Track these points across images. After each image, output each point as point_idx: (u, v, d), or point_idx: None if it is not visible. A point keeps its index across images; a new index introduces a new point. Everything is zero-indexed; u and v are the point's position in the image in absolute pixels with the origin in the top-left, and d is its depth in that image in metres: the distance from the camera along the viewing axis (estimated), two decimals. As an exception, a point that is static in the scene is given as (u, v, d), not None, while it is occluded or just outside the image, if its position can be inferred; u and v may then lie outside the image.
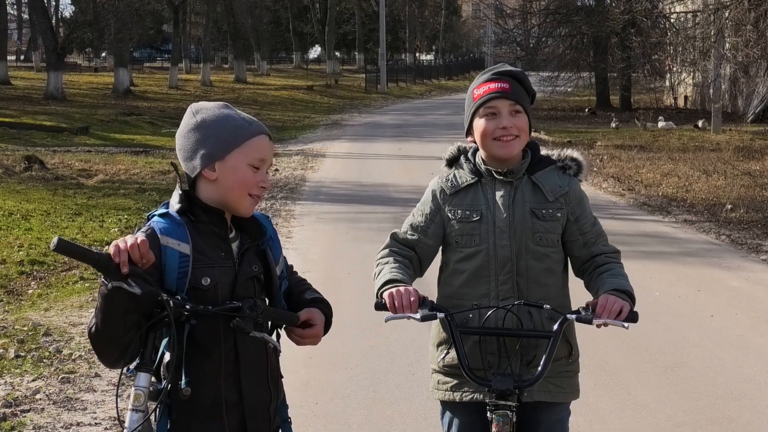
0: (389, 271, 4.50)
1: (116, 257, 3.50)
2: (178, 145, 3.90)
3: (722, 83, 37.32)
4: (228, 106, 3.93)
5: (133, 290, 3.49)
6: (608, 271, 4.51)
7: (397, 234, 4.73)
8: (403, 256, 4.64)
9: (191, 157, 3.84)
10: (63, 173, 22.82)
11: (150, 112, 43.97)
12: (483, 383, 4.33)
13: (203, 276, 3.74)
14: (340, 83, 71.32)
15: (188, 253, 3.73)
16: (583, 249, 4.61)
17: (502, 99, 4.51)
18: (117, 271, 3.49)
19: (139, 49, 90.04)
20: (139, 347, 3.67)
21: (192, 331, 3.72)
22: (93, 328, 3.63)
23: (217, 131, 3.82)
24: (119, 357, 3.66)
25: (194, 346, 3.73)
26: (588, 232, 4.60)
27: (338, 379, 8.61)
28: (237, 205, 3.85)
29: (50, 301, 11.53)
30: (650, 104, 49.59)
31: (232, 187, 3.82)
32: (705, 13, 34.29)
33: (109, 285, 3.50)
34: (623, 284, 4.39)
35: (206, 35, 70.98)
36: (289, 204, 19.11)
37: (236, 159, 3.81)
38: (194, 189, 3.86)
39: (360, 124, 43.69)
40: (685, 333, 10.11)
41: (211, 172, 3.81)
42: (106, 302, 3.54)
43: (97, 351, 3.72)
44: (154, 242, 3.69)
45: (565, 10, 49.60)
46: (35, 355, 9.19)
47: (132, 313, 3.57)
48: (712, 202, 19.46)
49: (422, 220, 4.68)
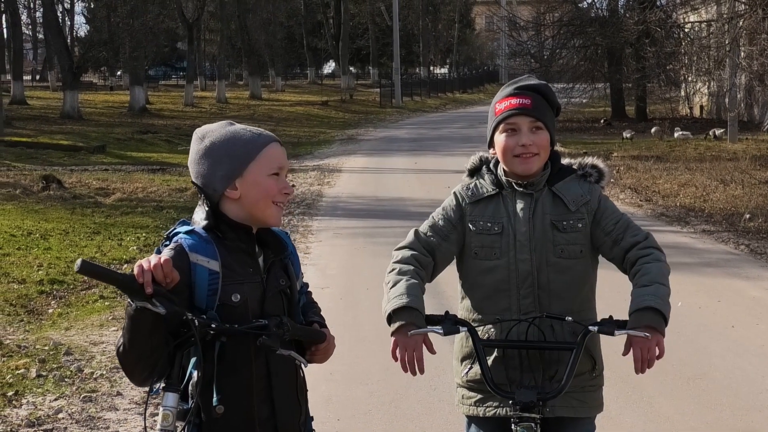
0: (405, 291, 4.39)
1: (140, 277, 3.51)
2: (194, 172, 3.89)
3: (738, 92, 37.21)
4: (232, 123, 3.94)
5: (157, 310, 3.51)
6: (637, 273, 4.38)
7: (419, 233, 4.65)
8: (421, 264, 4.56)
9: (210, 181, 3.84)
10: (81, 192, 22.87)
11: (166, 130, 44.03)
12: (506, 396, 4.31)
13: (233, 292, 3.75)
14: (355, 98, 71.33)
15: (218, 270, 3.74)
16: (614, 249, 4.51)
17: (522, 116, 4.49)
18: (141, 292, 3.50)
19: (154, 67, 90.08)
20: (167, 365, 3.67)
21: (222, 349, 3.72)
22: (121, 348, 3.65)
23: (228, 150, 3.83)
24: (148, 375, 3.68)
25: (225, 363, 3.74)
26: (612, 231, 4.51)
27: (360, 395, 8.60)
28: (264, 216, 3.87)
29: (71, 320, 11.55)
30: (665, 114, 49.47)
31: (257, 200, 3.82)
32: (719, 22, 34.28)
33: (133, 305, 3.52)
34: (649, 299, 4.24)
35: (221, 52, 71.16)
36: (306, 219, 19.12)
37: (255, 172, 3.82)
38: (218, 208, 3.86)
39: (375, 138, 43.67)
40: (706, 344, 10.09)
41: (233, 191, 3.81)
42: (132, 322, 3.57)
43: (125, 370, 3.73)
44: (183, 259, 3.71)
45: (579, 21, 49.50)
46: (57, 374, 9.21)
47: (158, 332, 3.59)
48: (730, 211, 19.41)
49: (444, 225, 4.62)
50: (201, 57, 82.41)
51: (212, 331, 3.65)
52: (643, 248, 4.47)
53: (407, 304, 4.34)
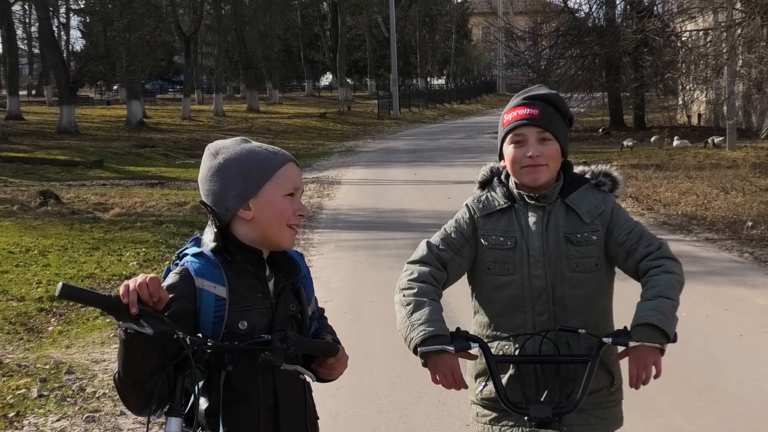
0: (429, 317, 4.25)
1: (125, 298, 3.35)
2: (205, 189, 3.72)
3: (736, 100, 37.17)
4: (246, 140, 3.78)
5: (144, 331, 3.34)
6: (645, 285, 4.26)
7: (432, 246, 4.51)
8: (437, 281, 4.43)
9: (222, 200, 3.67)
10: (79, 207, 22.71)
11: (164, 143, 43.96)
12: (521, 412, 4.18)
13: (240, 320, 3.60)
14: (353, 110, 71.38)
15: (224, 296, 3.59)
16: (627, 260, 4.38)
17: (529, 126, 4.38)
18: (127, 313, 3.34)
19: (151, 81, 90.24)
20: (167, 393, 3.52)
21: (228, 378, 3.58)
22: (116, 376, 3.50)
23: (244, 168, 3.67)
24: (144, 404, 3.51)
25: (231, 392, 3.59)
26: (625, 242, 4.38)
27: (367, 412, 8.47)
28: (278, 239, 3.72)
29: (71, 338, 11.42)
30: (664, 123, 49.45)
31: (271, 222, 3.67)
32: (717, 30, 34.22)
33: (122, 328, 3.38)
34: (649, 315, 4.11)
35: (218, 65, 71.14)
36: (307, 232, 18.99)
37: (270, 192, 3.67)
38: (228, 229, 3.71)
39: (374, 150, 43.63)
40: (715, 353, 9.97)
41: (246, 212, 3.66)
42: (124, 347, 3.41)
43: (122, 398, 3.57)
44: (188, 285, 3.56)
45: (576, 31, 49.53)
46: (58, 394, 9.07)
47: (153, 356, 3.43)
48: (732, 219, 19.31)
49: (457, 238, 4.50)
50: (198, 70, 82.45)
51: (209, 349, 3.50)
52: (654, 259, 4.34)
53: (434, 332, 4.23)
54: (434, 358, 4.22)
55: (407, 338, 4.27)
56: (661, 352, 4.12)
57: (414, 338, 4.23)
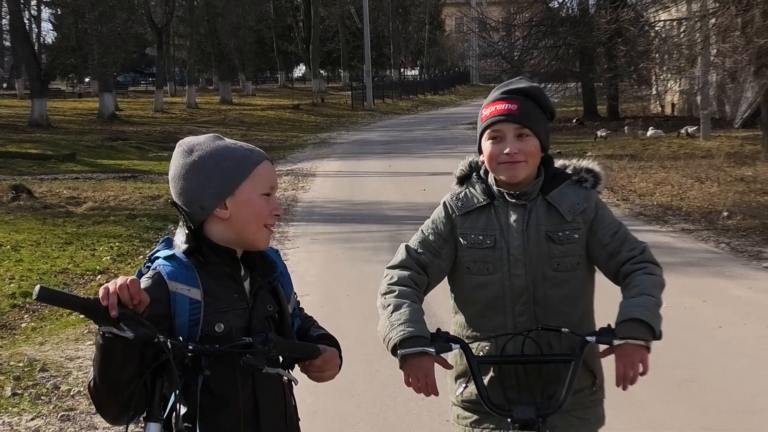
0: (409, 318, 4.16)
1: (104, 300, 3.23)
2: (177, 188, 3.59)
3: (710, 90, 37.21)
4: (220, 137, 3.67)
5: (124, 334, 3.23)
6: (627, 286, 4.18)
7: (411, 249, 4.41)
8: (418, 285, 4.34)
9: (197, 198, 3.56)
10: (51, 202, 22.52)
11: (136, 136, 43.72)
12: (504, 414, 4.08)
13: (216, 322, 3.49)
14: (327, 101, 71.27)
15: (199, 299, 3.48)
16: (609, 262, 4.29)
17: (507, 122, 4.25)
18: (106, 316, 3.22)
19: (123, 74, 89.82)
20: (144, 399, 3.41)
21: (206, 382, 3.48)
22: (92, 383, 3.38)
23: (221, 166, 3.56)
24: (120, 412, 3.40)
25: (210, 396, 3.49)
26: (609, 244, 4.28)
27: (346, 407, 8.40)
28: (254, 239, 3.62)
29: (45, 334, 11.30)
30: (637, 113, 49.49)
31: (248, 222, 3.57)
32: (691, 20, 34.23)
33: (101, 333, 3.26)
34: (636, 311, 4.03)
35: (190, 57, 70.87)
36: (282, 225, 18.87)
37: (247, 191, 3.57)
38: (201, 230, 3.59)
39: (348, 141, 43.55)
40: (695, 345, 9.93)
41: (223, 211, 3.55)
42: (102, 352, 3.29)
43: (96, 406, 3.45)
44: (161, 289, 3.44)
45: (550, 21, 49.49)
46: (33, 392, 8.96)
47: (131, 362, 3.31)
48: (707, 209, 19.32)
49: (434, 240, 4.39)
50: (170, 62, 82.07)
51: (189, 352, 3.39)
52: (637, 263, 4.25)
53: (414, 333, 4.12)
54: (411, 361, 4.13)
55: (386, 338, 4.17)
56: (647, 350, 4.04)
57: (393, 338, 4.13)
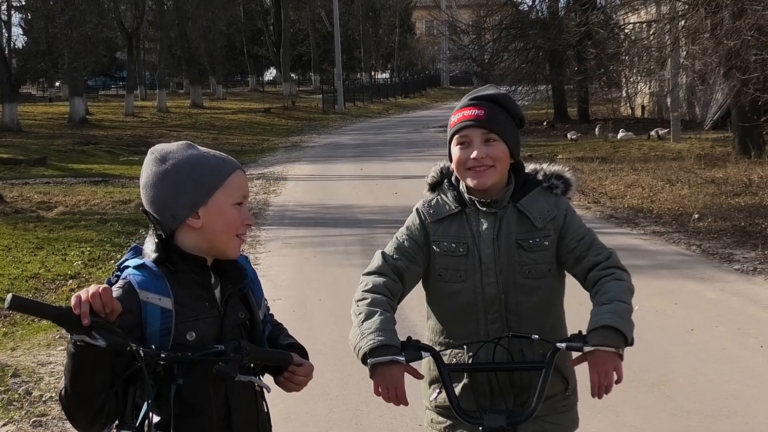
0: (379, 327, 4.11)
1: (77, 308, 3.20)
2: (149, 196, 3.57)
3: (680, 92, 37.38)
4: (193, 146, 3.64)
5: (97, 343, 3.21)
6: (598, 292, 4.16)
7: (387, 256, 4.39)
8: (392, 293, 4.31)
9: (169, 207, 3.54)
10: (22, 206, 22.41)
11: (107, 140, 43.57)
12: (475, 422, 4.06)
13: (188, 331, 3.47)
14: (297, 105, 71.19)
15: (170, 307, 3.46)
16: (576, 267, 4.30)
17: (474, 128, 4.27)
18: (79, 324, 3.20)
19: (93, 78, 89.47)
20: (116, 408, 3.40)
21: (179, 391, 3.47)
22: (63, 392, 3.36)
23: (194, 175, 3.54)
24: (91, 421, 3.39)
25: (182, 405, 3.48)
26: (575, 248, 4.29)
27: (319, 412, 8.39)
28: (226, 249, 3.61)
29: (16, 340, 11.24)
30: (608, 115, 49.64)
31: (220, 231, 3.56)
32: (660, 22, 34.35)
33: (72, 341, 3.25)
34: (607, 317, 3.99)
35: (161, 61, 70.59)
36: (254, 230, 18.82)
37: (220, 200, 3.56)
38: (171, 238, 3.58)
39: (319, 145, 43.53)
40: (666, 348, 9.96)
41: (195, 220, 3.54)
42: (73, 361, 3.28)
43: (67, 414, 3.44)
44: (132, 299, 3.43)
45: (520, 24, 49.61)
46: (4, 398, 8.91)
47: (102, 371, 3.30)
48: (678, 212, 19.40)
49: (410, 246, 4.38)
50: (141, 66, 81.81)
51: (162, 361, 3.38)
52: (604, 268, 4.25)
53: (384, 342, 4.08)
54: (381, 369, 4.07)
55: (356, 347, 4.13)
56: (620, 357, 4.04)
57: (363, 347, 4.09)
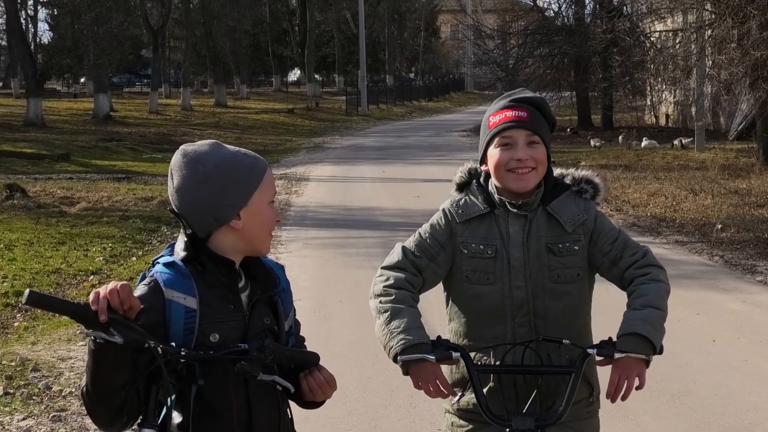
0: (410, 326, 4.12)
1: (94, 305, 3.20)
2: (188, 200, 3.52)
3: (705, 101, 37.24)
4: (221, 144, 3.61)
5: (114, 339, 3.20)
6: (632, 294, 4.15)
7: (407, 251, 4.36)
8: (414, 287, 4.29)
9: (211, 210, 3.51)
10: (45, 201, 22.50)
11: (131, 137, 43.67)
12: (503, 424, 4.06)
13: (211, 332, 3.46)
14: (321, 106, 71.12)
15: (195, 307, 3.45)
16: (612, 269, 4.27)
17: (518, 129, 4.22)
18: (96, 320, 3.20)
19: (118, 75, 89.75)
20: (139, 406, 3.39)
21: (200, 392, 3.45)
22: (84, 389, 3.36)
23: (233, 177, 3.52)
24: (112, 419, 3.38)
25: (203, 406, 3.46)
26: (610, 251, 4.26)
27: (337, 414, 8.36)
28: (261, 247, 3.63)
29: (37, 334, 11.26)
30: (632, 123, 49.50)
31: (259, 231, 3.58)
32: (687, 31, 34.21)
33: (92, 338, 3.24)
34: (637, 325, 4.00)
35: (186, 60, 70.70)
36: (275, 230, 18.81)
37: (258, 201, 3.57)
38: (203, 239, 3.56)
39: (342, 146, 43.50)
40: (688, 359, 9.90)
41: (237, 221, 3.53)
42: (93, 358, 3.27)
43: (89, 413, 3.43)
44: (157, 296, 3.43)
45: (545, 30, 49.46)
46: (24, 392, 8.93)
47: (122, 369, 3.29)
48: (701, 222, 19.30)
49: (432, 245, 4.34)
50: (166, 64, 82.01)
51: (182, 358, 3.36)
52: (640, 267, 4.22)
53: (414, 341, 4.09)
54: (416, 367, 4.10)
55: (387, 347, 4.14)
56: (646, 364, 4.03)
57: (394, 347, 4.10)
